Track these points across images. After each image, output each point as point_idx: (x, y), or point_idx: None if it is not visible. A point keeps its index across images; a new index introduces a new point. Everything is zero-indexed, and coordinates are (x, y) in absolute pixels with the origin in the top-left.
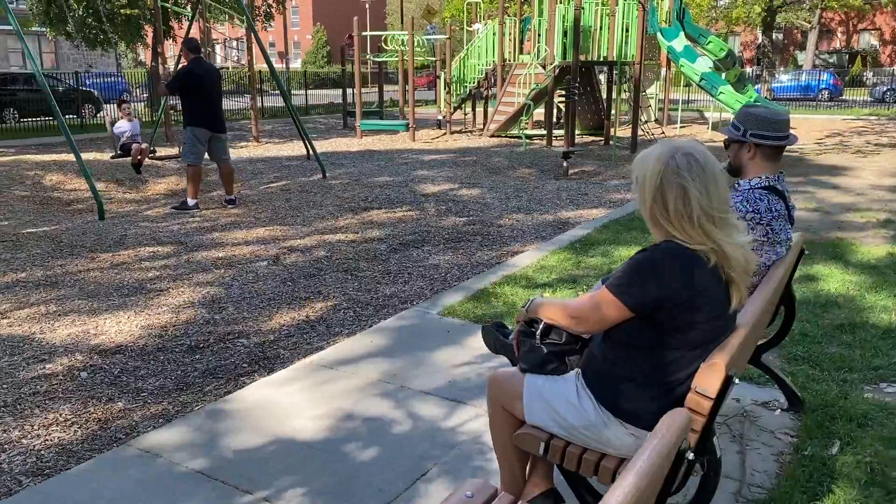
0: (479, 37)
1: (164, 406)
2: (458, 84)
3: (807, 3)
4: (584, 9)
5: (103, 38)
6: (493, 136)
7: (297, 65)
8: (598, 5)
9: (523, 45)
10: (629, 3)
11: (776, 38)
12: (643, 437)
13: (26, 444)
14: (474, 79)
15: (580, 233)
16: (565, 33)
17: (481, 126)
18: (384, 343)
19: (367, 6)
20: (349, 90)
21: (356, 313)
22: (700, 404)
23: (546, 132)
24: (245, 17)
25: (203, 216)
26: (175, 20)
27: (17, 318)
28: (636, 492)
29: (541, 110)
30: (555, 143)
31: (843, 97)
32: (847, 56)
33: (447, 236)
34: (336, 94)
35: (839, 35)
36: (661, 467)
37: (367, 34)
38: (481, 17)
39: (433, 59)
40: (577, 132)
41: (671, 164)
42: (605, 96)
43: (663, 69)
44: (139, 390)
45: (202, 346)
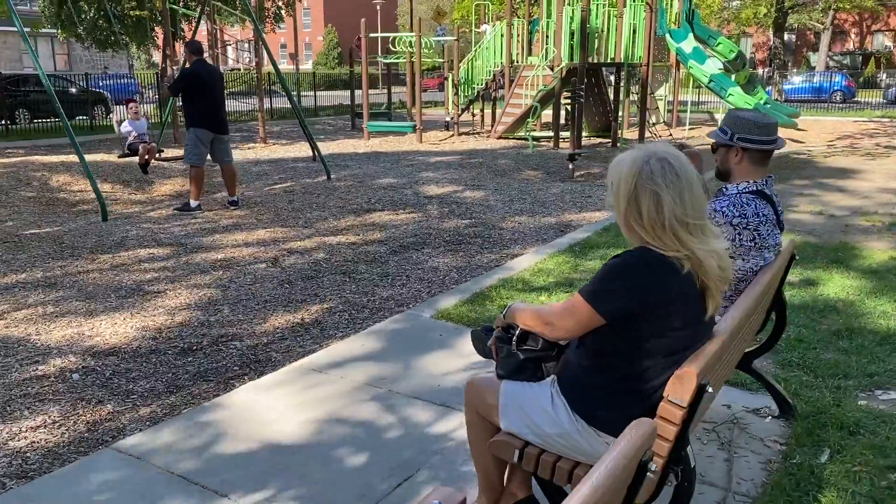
0: (488, 38)
1: (153, 409)
2: (466, 86)
3: (819, 4)
4: (591, 10)
5: (114, 39)
6: (500, 137)
7: (307, 66)
8: (605, 7)
9: (532, 47)
10: (637, 5)
11: (789, 39)
12: None
13: (13, 447)
14: (482, 80)
15: (580, 236)
16: (572, 35)
17: (489, 128)
18: (375, 346)
19: (378, 7)
20: (357, 92)
21: (351, 316)
22: (672, 413)
23: (553, 134)
24: (252, 20)
25: (205, 217)
26: (185, 22)
27: (13, 320)
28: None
29: (549, 112)
30: (562, 144)
31: (856, 99)
32: (860, 57)
33: (448, 238)
34: (346, 96)
35: (852, 36)
36: (620, 479)
37: (375, 36)
38: (490, 18)
39: (442, 60)
40: (585, 134)
41: (645, 170)
42: (612, 98)
43: (673, 70)
44: (129, 392)
45: (195, 348)
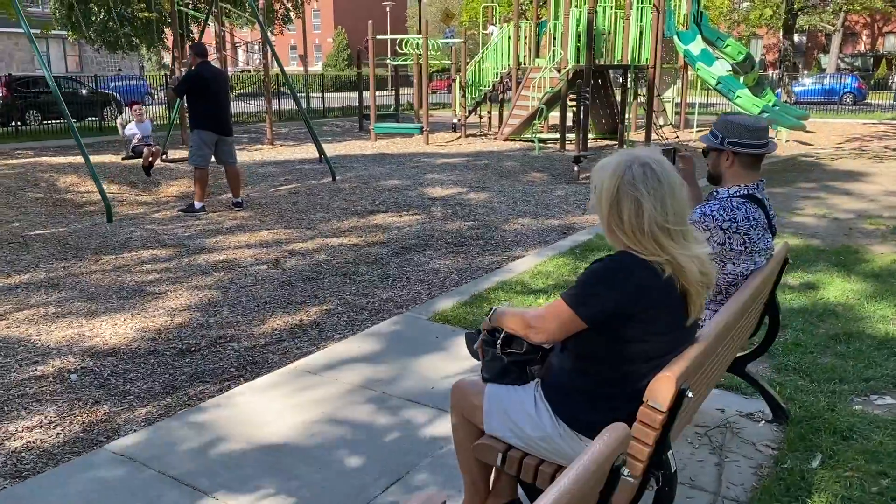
0: (495, 40)
1: (149, 409)
2: (473, 87)
3: (830, 5)
4: (598, 12)
5: (124, 41)
6: (507, 139)
7: (317, 68)
8: (612, 9)
9: (539, 49)
10: (644, 7)
11: (799, 41)
12: None
13: (8, 447)
14: (489, 82)
15: (582, 238)
16: (579, 37)
17: (496, 130)
18: (372, 348)
19: (387, 9)
20: (365, 93)
21: (350, 318)
22: (652, 418)
23: (559, 136)
24: (258, 22)
25: (209, 219)
26: (195, 24)
27: (15, 320)
28: None
29: (556, 114)
30: (568, 146)
31: (867, 101)
32: (871, 59)
33: (450, 240)
34: (355, 98)
35: (864, 38)
36: (589, 484)
37: (382, 38)
38: (497, 20)
39: (449, 62)
40: (591, 136)
41: (627, 175)
42: (619, 100)
43: (681, 73)
44: (126, 393)
45: (193, 349)
